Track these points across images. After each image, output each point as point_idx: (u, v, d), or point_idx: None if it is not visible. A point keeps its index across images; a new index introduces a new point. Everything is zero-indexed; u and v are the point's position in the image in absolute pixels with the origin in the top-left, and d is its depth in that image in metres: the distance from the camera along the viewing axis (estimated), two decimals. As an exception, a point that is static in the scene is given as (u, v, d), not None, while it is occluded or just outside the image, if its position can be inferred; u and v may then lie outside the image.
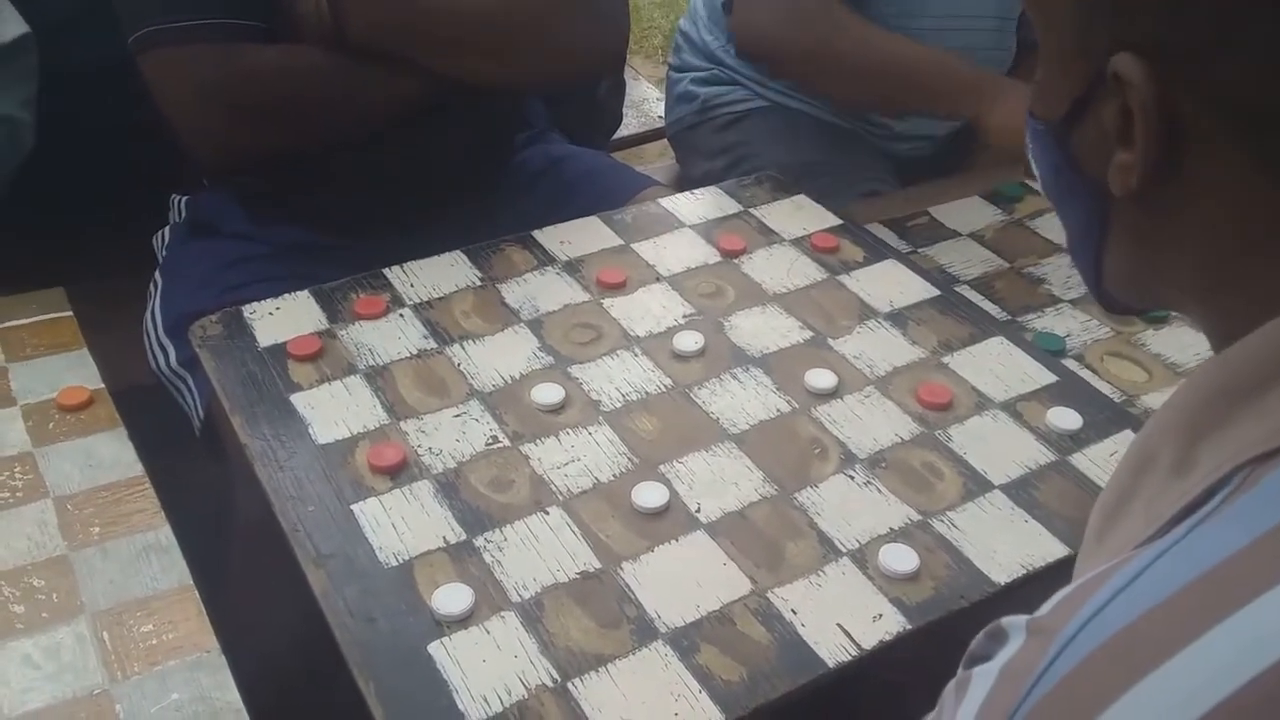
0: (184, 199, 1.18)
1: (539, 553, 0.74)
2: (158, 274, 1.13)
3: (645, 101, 1.88)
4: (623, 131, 1.84)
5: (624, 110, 1.82)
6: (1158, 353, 1.01)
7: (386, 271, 1.00)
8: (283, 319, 0.94)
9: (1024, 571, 0.73)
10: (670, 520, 0.77)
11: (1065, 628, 0.34)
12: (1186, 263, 0.43)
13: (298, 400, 0.86)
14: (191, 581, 0.77)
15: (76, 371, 0.92)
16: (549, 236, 1.06)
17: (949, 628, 0.71)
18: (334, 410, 0.85)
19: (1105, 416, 0.86)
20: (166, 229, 1.18)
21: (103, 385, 0.91)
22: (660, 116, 1.82)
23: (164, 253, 1.16)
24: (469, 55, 1.03)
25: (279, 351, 0.90)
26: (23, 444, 0.85)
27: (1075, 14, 0.42)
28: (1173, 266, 0.43)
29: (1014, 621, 0.37)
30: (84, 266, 1.10)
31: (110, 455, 0.86)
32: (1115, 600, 0.34)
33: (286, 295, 0.97)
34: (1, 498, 0.81)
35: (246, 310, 0.94)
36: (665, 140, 1.87)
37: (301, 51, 1.00)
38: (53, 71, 1.10)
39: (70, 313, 0.98)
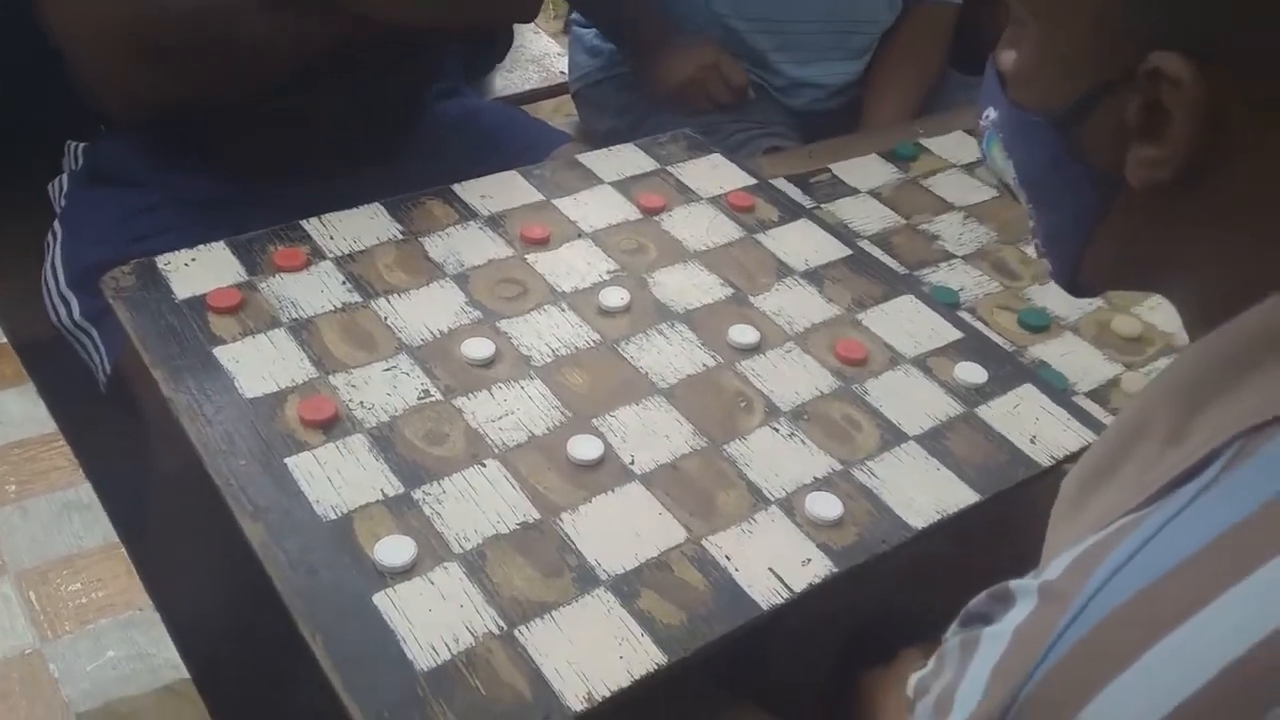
0: (81, 146, 1.13)
1: (478, 504, 0.75)
2: (56, 224, 1.08)
3: (546, 56, 1.87)
4: (522, 86, 1.83)
5: (527, 65, 1.81)
6: (1043, 306, 1.07)
7: (305, 223, 0.98)
8: (199, 271, 0.92)
9: (939, 517, 0.78)
10: (605, 472, 0.79)
11: (1081, 591, 0.36)
12: (1197, 251, 0.44)
13: (221, 354, 0.84)
14: (117, 538, 0.75)
15: (-24, 325, 0.88)
16: (469, 190, 1.06)
17: (868, 570, 0.75)
18: (259, 364, 0.84)
19: (1007, 371, 0.92)
20: (63, 177, 1.13)
21: (6, 340, 0.88)
22: (561, 72, 1.82)
23: (62, 202, 1.11)
24: None
25: (198, 304, 0.88)
26: (-76, 401, 0.82)
27: (1099, 9, 0.42)
28: (1178, 253, 0.45)
29: (1022, 585, 0.39)
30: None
31: (20, 412, 0.82)
32: (1129, 564, 0.36)
33: (201, 246, 0.94)
34: (-95, 457, 0.78)
35: (160, 261, 0.92)
36: (560, 97, 1.87)
37: None
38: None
39: (-35, 263, 0.94)
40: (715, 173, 1.13)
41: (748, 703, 0.76)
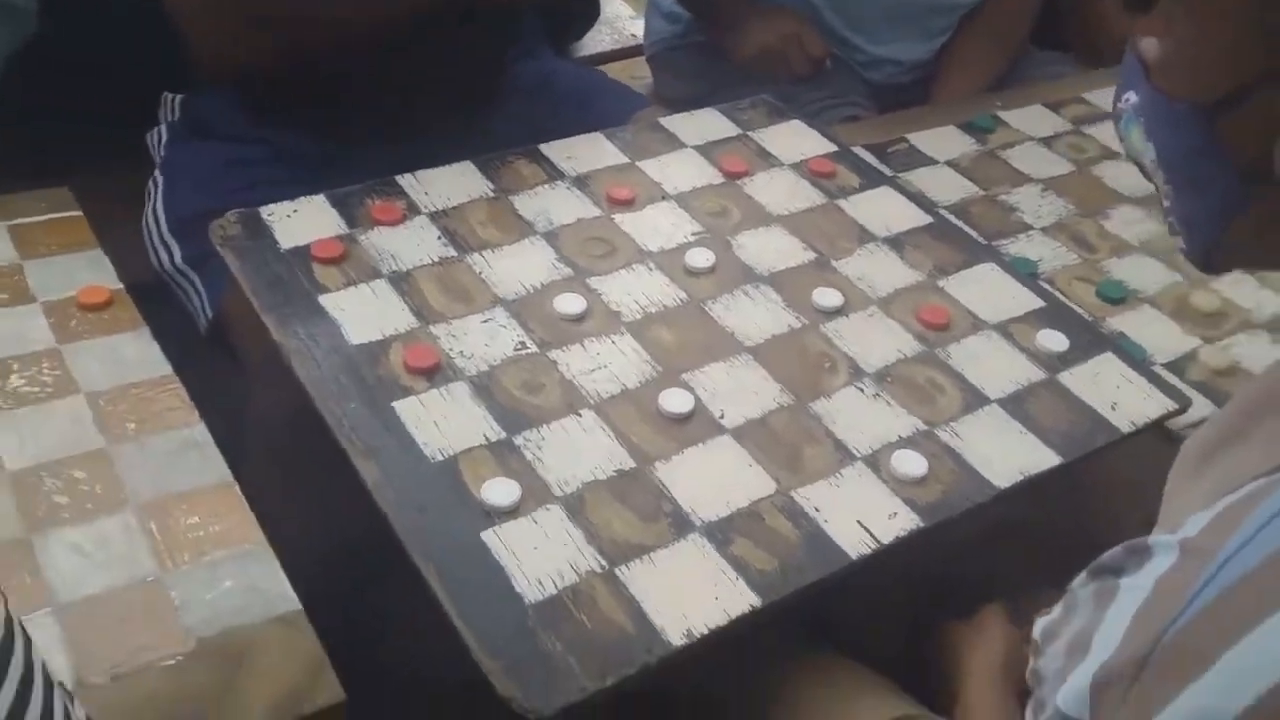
0: (178, 98, 1.17)
1: (576, 452, 0.78)
2: (157, 172, 1.12)
3: (619, 19, 1.88)
4: (596, 48, 1.84)
5: (600, 27, 1.82)
6: (1120, 279, 1.08)
7: (400, 179, 1.01)
8: (301, 222, 0.95)
9: (1022, 477, 0.80)
10: (696, 425, 0.81)
11: (1224, 546, 0.38)
12: None
13: (326, 302, 0.87)
14: (231, 476, 0.79)
15: (94, 271, 0.92)
16: (555, 151, 1.08)
17: (953, 527, 0.78)
18: (364, 312, 0.87)
19: (1087, 339, 0.93)
20: (162, 127, 1.16)
21: (121, 285, 0.91)
22: (633, 35, 1.83)
23: (161, 152, 1.14)
24: None
25: (303, 254, 0.91)
26: (48, 341, 0.86)
27: (1257, 6, 0.42)
28: None
29: (1161, 540, 0.41)
30: (78, 162, 1.08)
31: (136, 354, 0.86)
32: (1270, 525, 0.38)
33: (302, 199, 0.97)
34: (33, 391, 0.81)
35: (264, 211, 0.95)
36: (632, 59, 1.89)
37: None
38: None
39: (80, 212, 0.97)
40: (796, 139, 1.15)
41: (828, 649, 0.78)
